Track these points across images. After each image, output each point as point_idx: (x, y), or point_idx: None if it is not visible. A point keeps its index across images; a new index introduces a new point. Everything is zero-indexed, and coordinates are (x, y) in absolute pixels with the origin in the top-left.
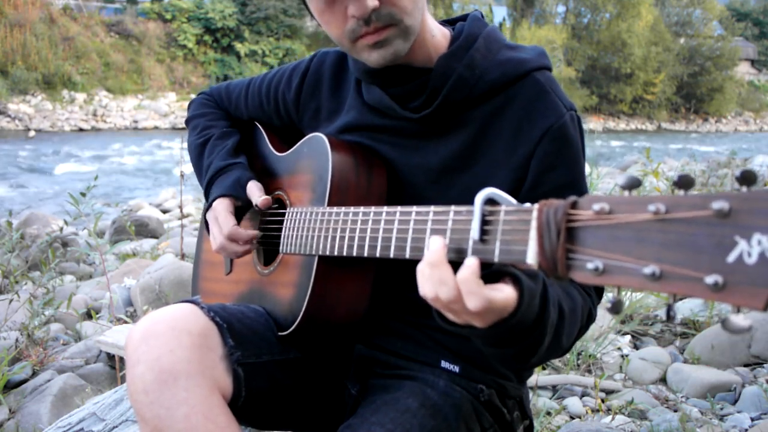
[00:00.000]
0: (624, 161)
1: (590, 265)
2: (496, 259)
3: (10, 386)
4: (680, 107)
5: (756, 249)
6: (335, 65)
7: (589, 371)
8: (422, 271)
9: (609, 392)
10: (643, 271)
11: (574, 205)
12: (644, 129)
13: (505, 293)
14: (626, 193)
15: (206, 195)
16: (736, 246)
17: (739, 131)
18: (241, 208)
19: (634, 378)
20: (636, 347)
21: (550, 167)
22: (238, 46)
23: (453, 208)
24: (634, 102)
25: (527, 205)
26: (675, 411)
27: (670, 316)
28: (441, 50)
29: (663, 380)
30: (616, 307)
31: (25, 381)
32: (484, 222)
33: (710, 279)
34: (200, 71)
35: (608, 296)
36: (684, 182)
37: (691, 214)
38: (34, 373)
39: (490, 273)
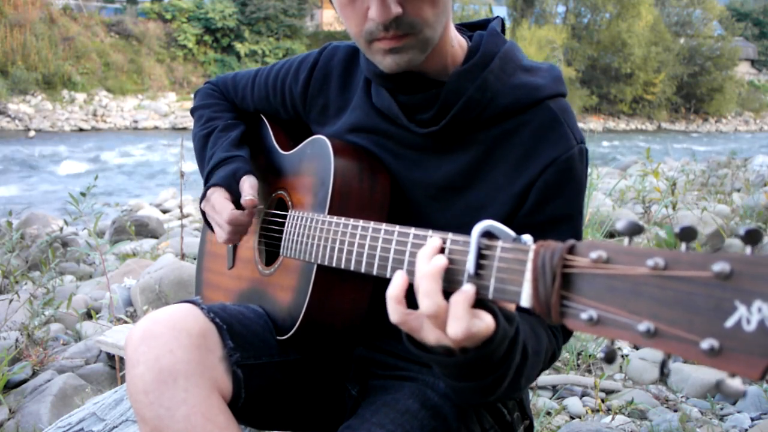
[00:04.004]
0: (624, 161)
1: (584, 315)
2: (490, 296)
3: (10, 386)
4: (680, 107)
5: (756, 316)
6: (345, 60)
7: (589, 371)
8: (417, 285)
9: (609, 392)
10: (637, 327)
11: (571, 250)
12: (644, 129)
13: (485, 323)
14: (626, 239)
15: (205, 186)
16: (735, 311)
17: (739, 131)
18: (236, 202)
19: (634, 378)
20: (636, 347)
21: (550, 198)
22: (238, 46)
23: (451, 236)
24: (634, 102)
25: (525, 241)
26: (675, 411)
27: (663, 373)
28: (457, 61)
29: (663, 380)
30: (609, 357)
31: (25, 381)
32: (480, 256)
33: (706, 344)
34: (200, 71)
35: (599, 344)
36: (685, 235)
37: (691, 273)
38: (34, 373)
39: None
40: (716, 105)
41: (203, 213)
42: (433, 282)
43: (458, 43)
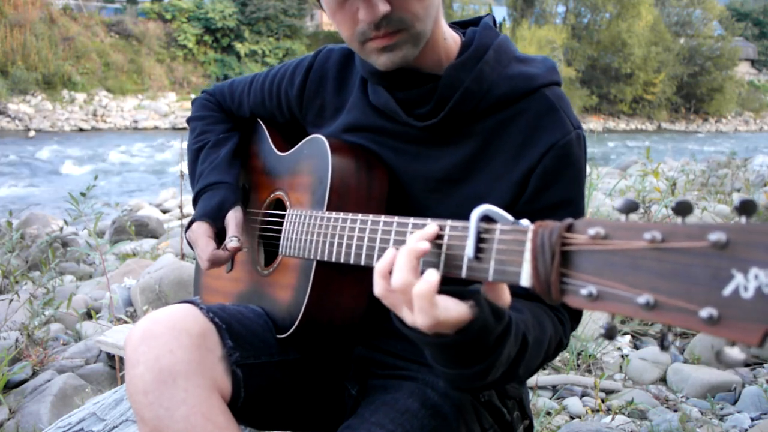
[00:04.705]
0: (624, 161)
1: (584, 291)
2: (490, 278)
3: (10, 386)
4: (680, 107)
5: (753, 283)
6: (340, 62)
7: (589, 371)
8: (398, 257)
9: (609, 392)
10: (637, 300)
11: (569, 228)
12: (644, 129)
13: (457, 311)
14: (623, 217)
15: (194, 206)
16: (733, 279)
17: (739, 131)
18: (221, 234)
19: (634, 378)
20: (636, 347)
21: (549, 183)
22: (238, 46)
23: (449, 222)
24: (634, 102)
25: (523, 223)
26: (675, 411)
27: (664, 346)
28: (451, 56)
29: (663, 380)
30: (610, 333)
31: (25, 381)
32: (480, 240)
33: (705, 312)
34: (200, 71)
35: (600, 320)
36: (681, 209)
37: (688, 244)
38: (34, 373)
39: (457, 292)
40: (716, 105)
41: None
42: (407, 258)
43: (451, 38)
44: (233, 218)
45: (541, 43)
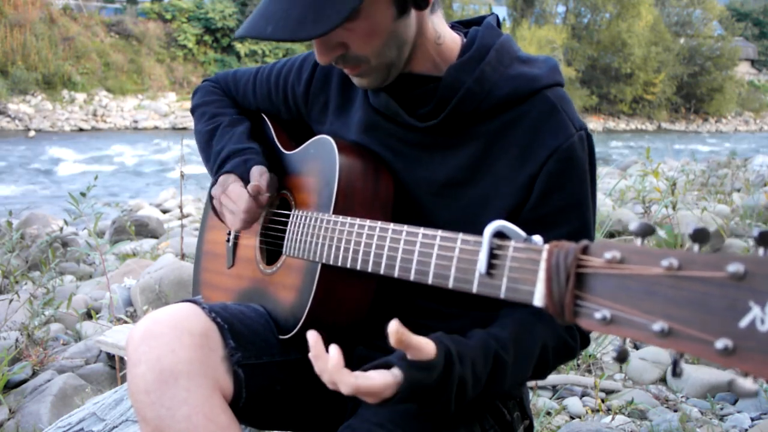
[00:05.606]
0: (624, 161)
1: (598, 315)
2: (502, 295)
3: (10, 386)
4: (680, 107)
5: None
6: None
7: (589, 371)
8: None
9: (609, 392)
10: (651, 327)
11: (585, 250)
12: (644, 129)
13: (382, 379)
14: (639, 240)
15: (216, 178)
16: (750, 311)
17: (739, 131)
18: None
19: (634, 378)
20: (636, 347)
21: (554, 188)
22: (238, 46)
23: (461, 236)
24: (634, 102)
25: (537, 242)
26: (675, 411)
27: (676, 373)
28: (449, 58)
29: (663, 380)
30: (621, 356)
31: (25, 381)
32: (492, 255)
33: (720, 343)
34: (200, 71)
35: (599, 344)
36: (699, 236)
37: (705, 273)
38: (34, 373)
39: (381, 363)
40: (716, 105)
41: (211, 198)
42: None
43: (451, 39)
44: (257, 169)
45: (541, 43)
